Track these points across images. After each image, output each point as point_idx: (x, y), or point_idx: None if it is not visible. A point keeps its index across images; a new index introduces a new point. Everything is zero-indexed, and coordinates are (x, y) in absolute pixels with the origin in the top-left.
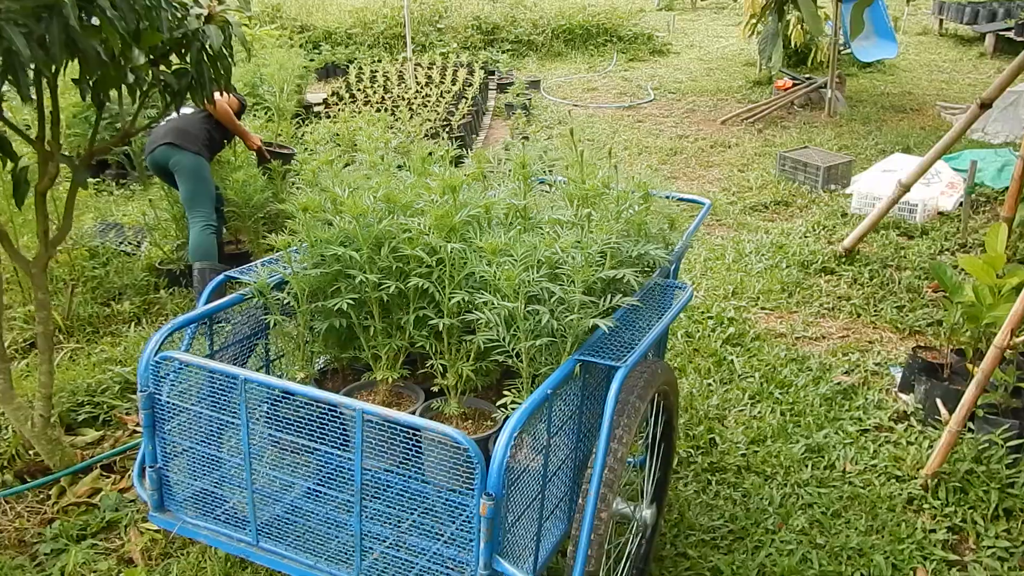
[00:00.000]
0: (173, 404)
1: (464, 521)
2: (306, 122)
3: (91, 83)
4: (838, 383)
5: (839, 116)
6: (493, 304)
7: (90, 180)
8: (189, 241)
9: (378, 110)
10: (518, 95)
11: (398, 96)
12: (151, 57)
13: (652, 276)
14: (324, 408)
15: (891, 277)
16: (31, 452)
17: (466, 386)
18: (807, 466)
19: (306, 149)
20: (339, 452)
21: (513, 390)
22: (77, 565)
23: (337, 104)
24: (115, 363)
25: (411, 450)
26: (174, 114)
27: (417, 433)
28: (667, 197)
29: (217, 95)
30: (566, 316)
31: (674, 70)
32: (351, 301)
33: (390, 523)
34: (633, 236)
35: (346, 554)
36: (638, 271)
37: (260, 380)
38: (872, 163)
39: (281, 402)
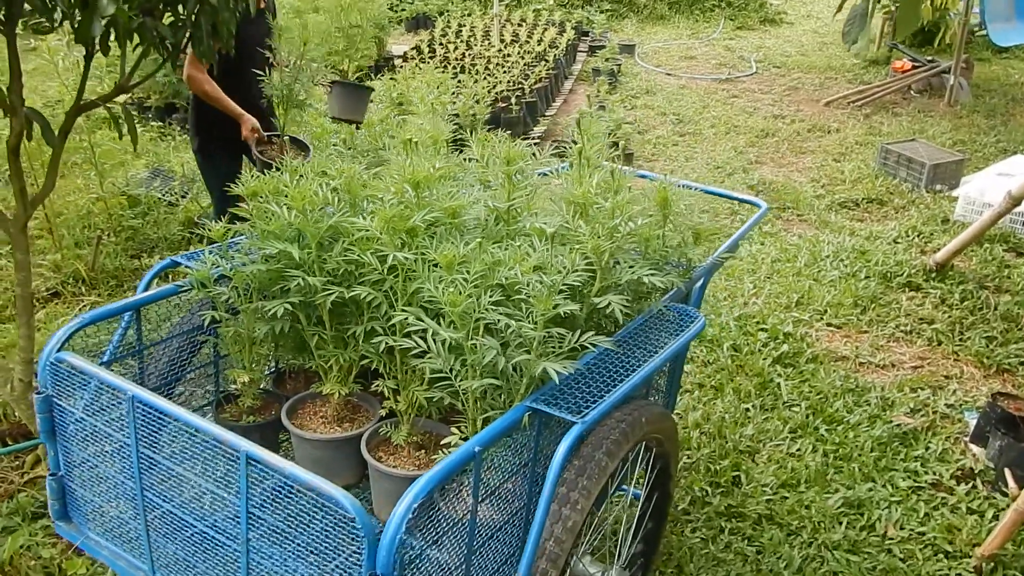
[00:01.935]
0: (69, 411)
1: None
2: (377, 75)
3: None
4: (898, 424)
5: (960, 106)
6: (435, 331)
7: (155, 124)
8: None
9: (454, 68)
10: (607, 59)
11: (478, 54)
12: (157, 5)
13: (664, 297)
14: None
15: (986, 301)
16: (16, 414)
17: (421, 410)
18: (841, 524)
19: None
20: (225, 493)
21: (463, 426)
22: (19, 551)
23: (416, 59)
24: None
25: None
26: None
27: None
28: (716, 195)
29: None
30: (521, 353)
31: (783, 42)
32: (289, 307)
33: None
34: (641, 249)
35: None
36: (639, 297)
37: (147, 400)
38: (989, 163)
39: (168, 427)
